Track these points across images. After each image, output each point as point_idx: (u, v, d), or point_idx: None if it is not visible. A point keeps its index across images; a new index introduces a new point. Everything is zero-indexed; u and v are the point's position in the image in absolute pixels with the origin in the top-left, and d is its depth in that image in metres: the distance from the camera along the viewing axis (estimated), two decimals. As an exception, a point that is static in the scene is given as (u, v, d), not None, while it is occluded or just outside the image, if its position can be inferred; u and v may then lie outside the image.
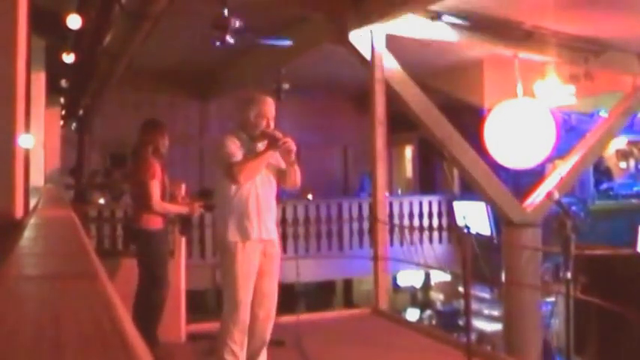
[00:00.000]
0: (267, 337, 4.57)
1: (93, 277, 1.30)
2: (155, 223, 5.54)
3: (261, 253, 4.42)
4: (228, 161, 4.34)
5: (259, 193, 4.42)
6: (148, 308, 5.36)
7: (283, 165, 4.56)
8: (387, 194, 8.19)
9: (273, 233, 4.54)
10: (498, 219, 10.17)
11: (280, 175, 4.58)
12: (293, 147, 4.42)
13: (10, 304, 1.08)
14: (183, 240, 6.30)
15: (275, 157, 4.51)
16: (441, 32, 8.09)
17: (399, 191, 15.97)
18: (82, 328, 0.89)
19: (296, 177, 4.56)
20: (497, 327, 11.60)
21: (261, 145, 4.47)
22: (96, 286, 1.19)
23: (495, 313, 12.17)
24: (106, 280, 1.29)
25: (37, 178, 7.55)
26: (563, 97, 9.50)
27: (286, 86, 10.91)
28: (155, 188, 5.48)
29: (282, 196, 13.18)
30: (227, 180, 4.37)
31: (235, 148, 4.38)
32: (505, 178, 9.28)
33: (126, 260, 5.77)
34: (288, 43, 8.32)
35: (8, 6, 2.61)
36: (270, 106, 4.54)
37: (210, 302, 10.75)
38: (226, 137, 4.48)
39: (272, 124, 4.50)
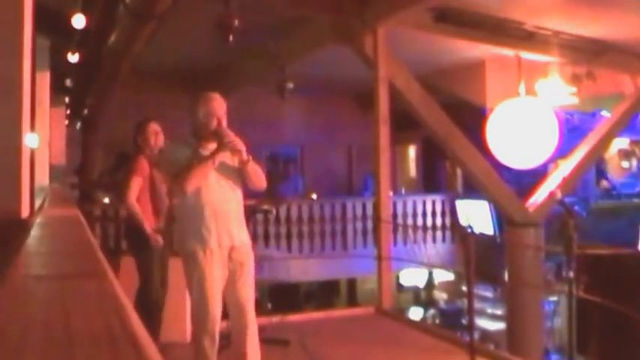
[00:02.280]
0: (249, 346, 4.27)
1: (101, 276, 1.31)
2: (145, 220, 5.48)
3: (225, 260, 4.18)
4: (172, 171, 4.16)
5: (214, 198, 4.16)
6: (140, 307, 5.33)
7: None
8: (390, 193, 8.19)
9: (237, 239, 4.24)
10: (501, 218, 10.17)
11: (243, 177, 4.28)
12: (240, 146, 4.15)
13: (20, 303, 1.09)
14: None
15: (232, 159, 4.24)
16: (444, 32, 8.11)
17: (403, 190, 15.96)
18: (91, 327, 0.90)
19: (255, 177, 4.27)
20: (500, 326, 11.60)
21: (211, 147, 4.20)
22: (104, 286, 1.20)
23: (498, 312, 12.18)
24: (114, 280, 1.30)
25: (43, 178, 7.58)
26: (566, 97, 9.50)
27: (290, 85, 10.94)
28: (133, 184, 5.39)
29: (286, 196, 13.25)
30: (177, 190, 4.18)
31: (177, 156, 4.18)
32: (508, 177, 9.29)
33: (130, 259, 5.77)
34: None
35: (13, 6, 2.62)
36: (218, 103, 4.31)
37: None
38: (167, 146, 4.36)
39: (224, 123, 4.25)
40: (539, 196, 9.28)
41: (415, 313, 14.97)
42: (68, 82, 9.39)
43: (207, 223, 4.12)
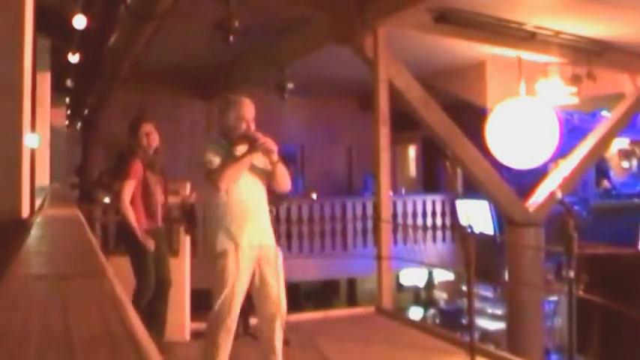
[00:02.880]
0: (278, 342, 4.36)
1: (101, 276, 1.32)
2: (138, 222, 5.48)
3: (256, 260, 4.27)
4: (208, 168, 4.23)
5: (246, 198, 4.27)
6: (135, 308, 5.32)
7: (269, 167, 4.37)
8: (390, 193, 8.19)
9: (267, 238, 4.36)
10: (501, 218, 10.18)
11: (269, 178, 4.40)
12: (273, 147, 4.25)
13: (20, 303, 1.09)
14: (188, 239, 6.30)
15: (261, 160, 4.35)
16: (444, 32, 8.11)
17: (403, 190, 15.96)
18: (91, 327, 0.90)
19: (283, 178, 4.41)
20: (500, 326, 11.61)
21: (241, 149, 4.30)
22: (104, 286, 1.21)
23: (498, 311, 12.18)
24: (114, 280, 1.30)
25: (43, 178, 7.58)
26: (566, 97, 9.50)
27: (290, 85, 10.94)
28: (127, 186, 5.40)
29: (286, 196, 13.24)
30: (210, 188, 4.26)
31: (213, 155, 4.26)
32: (508, 177, 9.29)
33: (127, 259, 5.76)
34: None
35: (14, 6, 2.63)
36: (248, 107, 4.42)
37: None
38: (206, 144, 4.39)
39: (252, 126, 4.35)
40: (539, 196, 9.28)
41: (415, 313, 14.97)
42: (69, 83, 9.39)
43: (239, 222, 4.22)
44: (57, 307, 1.05)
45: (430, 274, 15.45)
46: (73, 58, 7.56)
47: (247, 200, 4.28)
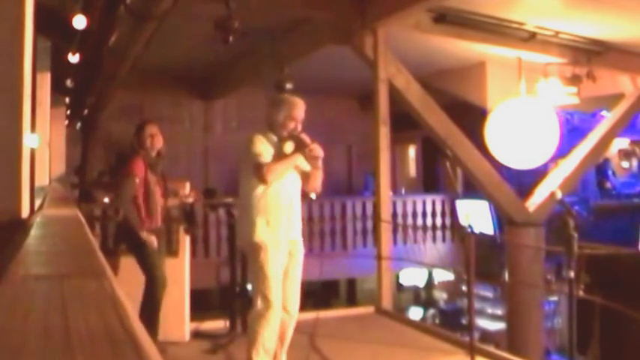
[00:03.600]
0: (288, 338, 4.60)
1: (101, 276, 1.32)
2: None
3: (287, 254, 4.45)
4: (257, 161, 4.35)
5: (287, 194, 4.45)
6: (148, 306, 5.34)
7: (307, 168, 4.59)
8: (390, 193, 8.19)
9: (298, 234, 4.57)
10: (501, 218, 10.18)
11: (304, 178, 4.61)
12: (320, 153, 4.48)
13: (20, 303, 1.09)
14: (188, 239, 6.30)
15: (304, 161, 4.53)
16: (444, 33, 8.11)
17: (403, 190, 15.97)
18: (91, 327, 0.90)
19: (318, 181, 4.63)
20: (500, 326, 11.61)
21: (288, 146, 4.51)
22: (104, 285, 1.21)
23: (498, 311, 12.19)
24: (114, 279, 1.30)
25: (43, 178, 7.58)
26: (566, 97, 9.50)
27: (290, 86, 10.92)
28: (129, 185, 5.44)
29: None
30: (254, 179, 4.38)
31: (264, 148, 4.39)
32: (508, 177, 9.29)
33: (130, 259, 5.76)
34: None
35: (14, 6, 2.62)
36: (300, 109, 4.59)
37: (214, 301, 10.77)
38: (255, 136, 4.47)
39: (299, 127, 4.55)
40: (539, 196, 9.28)
41: (415, 313, 14.97)
42: (69, 83, 9.37)
43: (279, 217, 4.39)
44: (57, 308, 1.05)
45: (430, 274, 15.46)
46: (73, 58, 7.54)
47: (286, 196, 4.45)
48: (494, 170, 8.82)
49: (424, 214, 13.33)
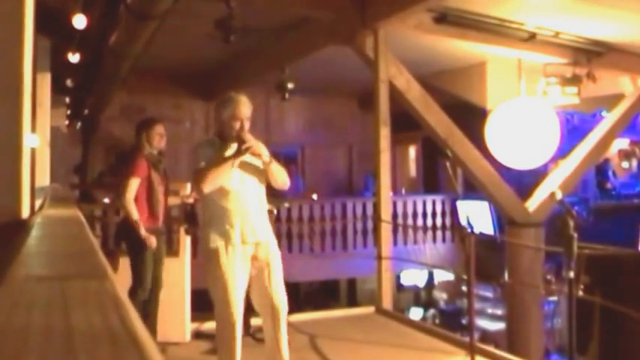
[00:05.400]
0: (283, 347, 4.40)
1: (102, 276, 1.31)
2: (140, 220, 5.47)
3: (249, 257, 4.24)
4: (194, 169, 4.23)
5: (239, 195, 4.20)
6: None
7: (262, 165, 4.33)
8: (390, 194, 8.19)
9: (262, 235, 4.30)
10: (501, 218, 10.18)
11: (268, 176, 4.34)
12: (259, 150, 4.19)
13: (20, 304, 1.09)
14: (189, 239, 6.30)
15: (250, 158, 4.26)
16: (444, 33, 8.11)
17: (403, 191, 15.98)
18: (92, 327, 0.90)
19: (278, 176, 4.34)
20: (500, 326, 11.62)
21: (233, 149, 4.22)
22: (105, 286, 1.20)
23: (498, 312, 12.19)
24: (115, 280, 1.30)
25: (43, 178, 7.58)
26: (566, 98, 9.50)
27: (291, 86, 10.94)
28: (131, 184, 5.39)
29: (286, 196, 13.26)
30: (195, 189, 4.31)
31: (202, 157, 4.21)
32: (508, 177, 9.29)
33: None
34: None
35: (14, 6, 2.62)
36: (243, 107, 4.29)
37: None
38: (197, 146, 4.38)
39: (247, 125, 4.26)
40: (539, 196, 9.29)
41: (415, 313, 14.98)
42: (69, 83, 9.37)
43: (230, 220, 4.17)
44: (58, 308, 1.04)
45: (430, 274, 15.47)
46: (73, 58, 7.55)
47: (241, 197, 4.21)
48: (495, 170, 8.82)
49: (424, 215, 13.34)
